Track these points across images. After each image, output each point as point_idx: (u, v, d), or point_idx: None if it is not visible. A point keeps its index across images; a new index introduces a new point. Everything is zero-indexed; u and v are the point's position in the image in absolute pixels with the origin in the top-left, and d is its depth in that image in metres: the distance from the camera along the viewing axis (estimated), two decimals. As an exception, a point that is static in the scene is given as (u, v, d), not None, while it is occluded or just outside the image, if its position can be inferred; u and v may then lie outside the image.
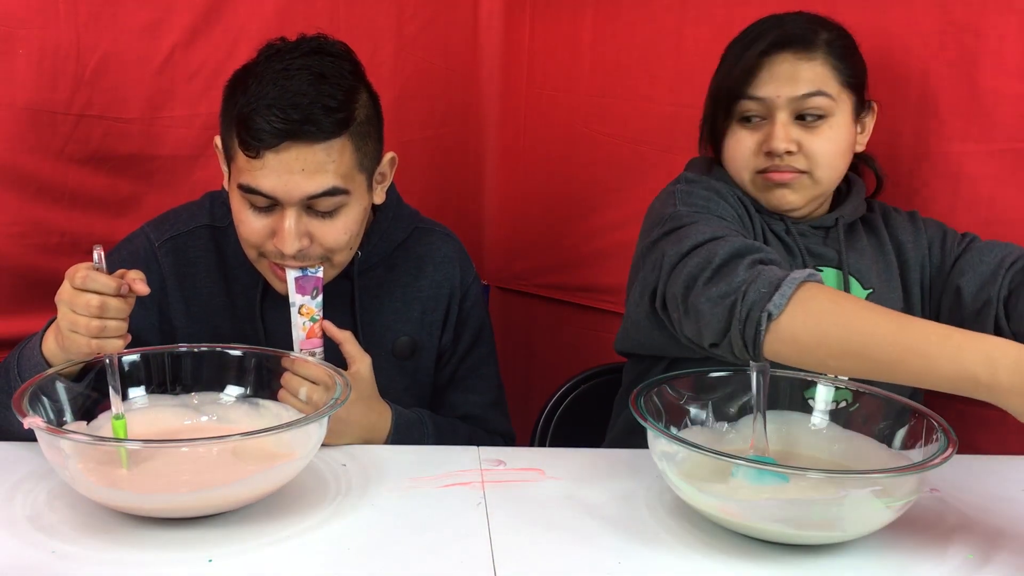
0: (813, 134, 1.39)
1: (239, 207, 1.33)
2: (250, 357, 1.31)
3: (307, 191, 1.28)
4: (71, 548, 1.05)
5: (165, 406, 1.28)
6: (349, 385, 1.21)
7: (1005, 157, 1.52)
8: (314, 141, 1.26)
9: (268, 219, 1.31)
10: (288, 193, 1.28)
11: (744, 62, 1.40)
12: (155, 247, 1.42)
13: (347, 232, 1.33)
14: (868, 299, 1.41)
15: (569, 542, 1.11)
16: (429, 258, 1.52)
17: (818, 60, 1.38)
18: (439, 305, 1.51)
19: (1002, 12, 1.49)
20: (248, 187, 1.29)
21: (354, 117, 1.30)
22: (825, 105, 1.38)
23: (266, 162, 1.27)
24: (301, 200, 1.29)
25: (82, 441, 1.08)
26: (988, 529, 1.17)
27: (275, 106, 1.25)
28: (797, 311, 1.13)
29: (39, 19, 1.55)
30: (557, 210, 2.05)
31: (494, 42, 2.09)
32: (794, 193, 1.42)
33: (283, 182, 1.27)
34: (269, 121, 1.24)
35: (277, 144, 1.25)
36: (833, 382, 1.29)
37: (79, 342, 1.16)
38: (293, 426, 1.12)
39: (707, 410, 1.29)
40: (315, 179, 1.28)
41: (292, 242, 1.29)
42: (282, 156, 1.26)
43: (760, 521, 1.08)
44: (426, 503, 1.18)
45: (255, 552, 1.06)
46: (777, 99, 1.38)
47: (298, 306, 1.32)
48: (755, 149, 1.41)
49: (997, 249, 1.42)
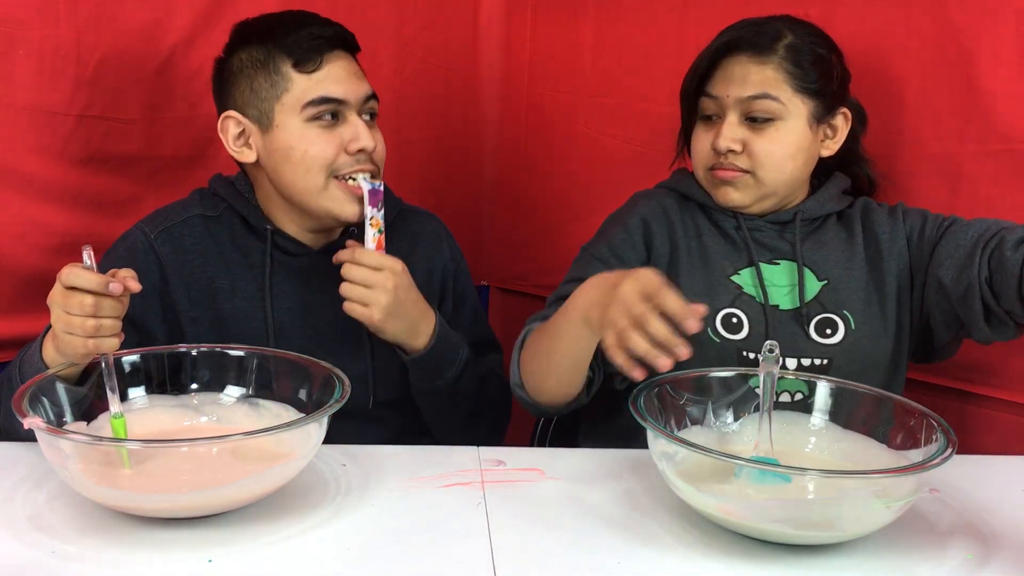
0: (759, 135, 1.42)
1: (304, 133, 1.40)
2: (251, 357, 1.31)
3: (365, 91, 1.43)
4: (71, 548, 1.05)
5: (165, 406, 1.28)
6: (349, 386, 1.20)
7: (1003, 158, 1.52)
8: (352, 50, 1.45)
9: (335, 132, 1.40)
10: (354, 92, 1.41)
11: (704, 61, 1.46)
12: (151, 238, 1.44)
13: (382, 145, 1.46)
14: (822, 290, 1.45)
15: (569, 542, 1.11)
16: (420, 235, 1.58)
17: (771, 64, 1.41)
18: (433, 278, 1.57)
19: (1000, 13, 1.49)
20: (320, 98, 1.39)
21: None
22: (772, 108, 1.41)
23: (326, 71, 1.40)
24: (362, 100, 1.43)
25: (82, 441, 1.08)
26: (988, 529, 1.17)
27: (314, 23, 1.42)
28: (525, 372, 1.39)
29: (39, 20, 1.55)
30: (557, 210, 2.05)
31: (495, 42, 2.10)
32: (737, 191, 1.45)
33: (348, 84, 1.41)
34: (322, 32, 1.40)
35: (331, 50, 1.41)
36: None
37: (75, 343, 1.15)
38: (293, 426, 1.12)
39: (707, 410, 1.30)
40: (364, 84, 1.44)
41: (368, 137, 1.41)
42: (337, 62, 1.41)
43: (760, 521, 1.09)
44: (426, 503, 1.18)
45: (255, 552, 1.06)
46: (727, 98, 1.43)
47: (369, 217, 1.39)
48: (708, 146, 1.46)
49: (972, 229, 1.40)
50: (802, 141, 1.43)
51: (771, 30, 1.43)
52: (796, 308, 1.44)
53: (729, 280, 1.46)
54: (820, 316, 1.44)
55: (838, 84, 1.46)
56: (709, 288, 1.45)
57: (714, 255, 1.48)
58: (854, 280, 1.46)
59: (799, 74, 1.41)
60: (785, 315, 1.45)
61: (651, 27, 1.87)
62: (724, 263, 1.47)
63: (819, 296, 1.45)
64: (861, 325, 1.43)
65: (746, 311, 1.44)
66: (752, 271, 1.46)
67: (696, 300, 1.30)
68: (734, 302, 1.45)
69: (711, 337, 1.42)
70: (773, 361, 1.18)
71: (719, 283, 1.46)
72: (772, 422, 1.20)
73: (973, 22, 1.52)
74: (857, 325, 1.43)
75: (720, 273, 1.47)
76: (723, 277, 1.46)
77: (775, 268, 1.47)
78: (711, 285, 1.46)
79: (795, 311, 1.44)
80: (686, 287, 1.44)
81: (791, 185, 1.46)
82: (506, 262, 2.18)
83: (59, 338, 1.17)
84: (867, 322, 1.44)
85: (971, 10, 1.52)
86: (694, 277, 1.46)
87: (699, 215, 1.52)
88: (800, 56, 1.42)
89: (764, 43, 1.41)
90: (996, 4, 1.50)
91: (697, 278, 1.46)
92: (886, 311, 1.45)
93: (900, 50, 1.59)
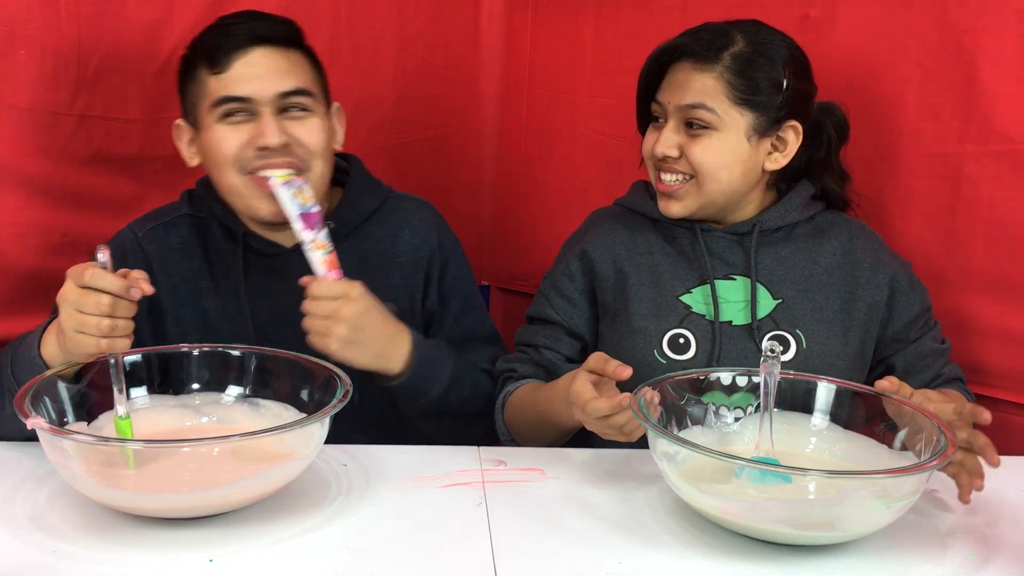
0: (694, 142, 1.41)
1: (214, 132, 1.40)
2: (250, 357, 1.32)
3: (279, 88, 1.39)
4: (72, 548, 1.05)
5: (165, 407, 1.28)
6: (351, 385, 1.20)
7: (1004, 158, 1.52)
8: (275, 45, 1.41)
9: (245, 129, 1.40)
10: (263, 90, 1.39)
11: (648, 66, 1.46)
12: (139, 237, 1.48)
13: (320, 133, 1.43)
14: (776, 308, 1.45)
15: (569, 542, 1.11)
16: (405, 223, 1.56)
17: (712, 74, 1.39)
18: (418, 268, 1.55)
19: (1000, 13, 1.49)
20: (223, 97, 1.39)
21: (303, 38, 1.45)
22: (707, 118, 1.40)
23: (235, 70, 1.39)
24: (274, 97, 1.39)
25: (86, 442, 1.08)
26: (988, 529, 1.17)
27: (234, 22, 1.42)
28: (511, 428, 1.48)
29: (40, 20, 1.55)
30: (557, 210, 2.05)
31: (495, 42, 2.10)
32: (678, 202, 1.45)
33: (255, 81, 1.39)
34: (232, 30, 1.40)
35: (245, 47, 1.39)
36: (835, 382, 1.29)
37: (86, 342, 1.15)
38: (295, 426, 1.12)
39: (708, 410, 1.30)
40: (283, 79, 1.40)
41: (273, 132, 1.38)
42: (250, 58, 1.39)
43: (760, 521, 1.09)
44: (426, 503, 1.18)
45: (256, 552, 1.06)
46: (668, 105, 1.43)
47: (310, 242, 1.34)
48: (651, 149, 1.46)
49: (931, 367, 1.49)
50: (738, 153, 1.42)
51: (721, 37, 1.41)
52: (749, 324, 1.45)
53: (678, 300, 1.46)
54: (772, 333, 1.44)
55: (790, 97, 1.41)
56: (657, 309, 1.46)
57: (664, 275, 1.48)
58: (810, 301, 1.45)
59: (740, 85, 1.39)
60: (737, 330, 1.45)
61: (651, 27, 1.87)
62: (674, 283, 1.47)
63: (772, 313, 1.45)
64: (813, 344, 1.43)
65: (693, 331, 1.44)
66: (704, 289, 1.46)
67: (644, 321, 1.46)
68: (681, 322, 1.45)
69: (657, 359, 1.43)
70: (774, 361, 1.18)
71: (667, 304, 1.46)
72: (773, 422, 1.20)
73: (973, 22, 1.52)
74: (809, 344, 1.43)
75: (669, 293, 1.47)
76: (672, 298, 1.46)
77: (730, 284, 1.47)
78: (659, 306, 1.46)
79: (747, 327, 1.45)
80: (635, 310, 1.46)
81: (729, 195, 1.45)
82: (506, 262, 2.18)
83: (68, 337, 1.16)
84: (820, 342, 1.44)
85: (971, 10, 1.52)
86: (643, 299, 1.47)
87: (651, 233, 1.52)
88: (744, 66, 1.39)
89: (708, 52, 1.40)
90: (996, 4, 1.49)
91: (645, 300, 1.47)
92: (849, 335, 1.45)
93: (900, 50, 1.59)
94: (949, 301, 1.58)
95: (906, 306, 1.48)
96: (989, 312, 1.57)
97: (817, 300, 1.46)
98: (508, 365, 1.53)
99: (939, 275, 1.58)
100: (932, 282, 1.54)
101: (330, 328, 1.31)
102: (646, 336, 1.45)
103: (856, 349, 1.45)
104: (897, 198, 1.63)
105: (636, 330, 1.46)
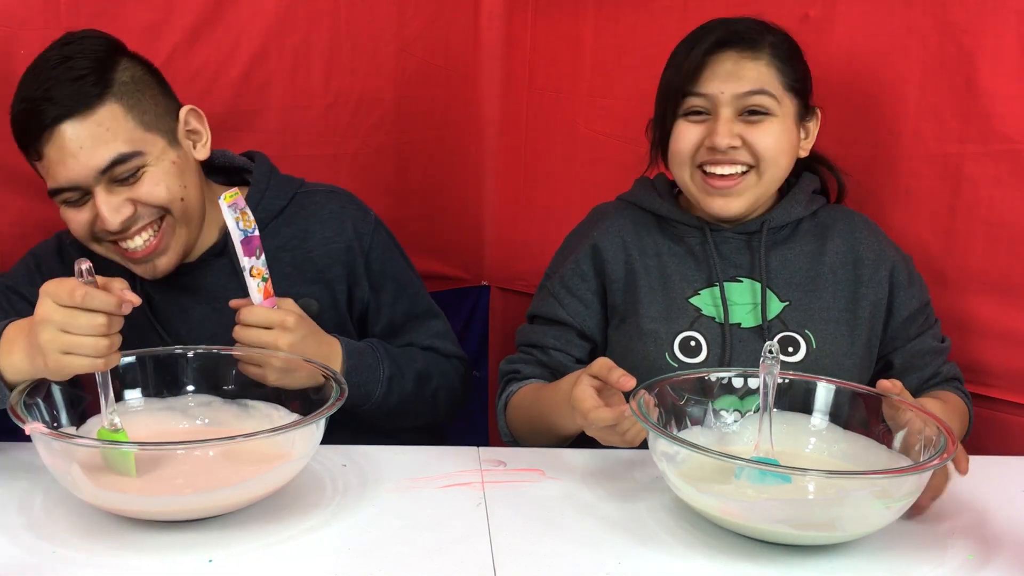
0: (756, 129, 1.39)
1: (63, 214, 1.36)
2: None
3: (96, 165, 1.30)
4: (71, 552, 1.05)
5: (153, 410, 1.28)
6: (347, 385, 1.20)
7: (1004, 158, 1.52)
8: (76, 116, 1.29)
9: (87, 209, 1.34)
10: (82, 175, 1.30)
11: (690, 60, 1.41)
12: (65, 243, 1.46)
13: (166, 186, 1.35)
14: (784, 310, 1.44)
15: (569, 542, 1.11)
16: (314, 218, 1.51)
17: (762, 60, 1.40)
18: (336, 261, 1.50)
19: (1000, 13, 1.49)
20: (53, 189, 1.33)
21: (110, 81, 1.31)
22: (768, 103, 1.39)
23: (49, 158, 1.30)
24: (97, 176, 1.31)
25: (87, 446, 1.08)
26: (988, 529, 1.17)
27: (26, 101, 1.29)
28: (514, 429, 1.47)
29: (40, 20, 1.55)
30: (557, 210, 2.05)
31: (495, 42, 2.10)
32: (737, 198, 1.42)
33: (71, 166, 1.30)
34: (27, 118, 1.30)
35: (46, 134, 1.29)
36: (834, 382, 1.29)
37: (79, 363, 1.09)
38: (294, 427, 1.12)
39: (707, 410, 1.29)
40: (98, 152, 1.30)
41: (113, 217, 1.32)
42: (57, 143, 1.29)
43: (760, 521, 1.09)
44: (426, 503, 1.18)
45: (255, 552, 1.06)
46: (721, 95, 1.39)
47: (248, 268, 1.29)
48: (697, 143, 1.42)
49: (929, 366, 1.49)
50: (791, 140, 1.42)
51: (756, 27, 1.42)
52: (758, 325, 1.44)
53: (688, 302, 1.45)
54: (782, 334, 1.43)
55: (811, 84, 1.46)
56: (667, 311, 1.45)
57: (673, 276, 1.47)
58: (818, 299, 1.45)
59: (786, 71, 1.41)
60: (747, 333, 1.44)
61: (651, 27, 1.87)
62: (683, 285, 1.46)
63: (781, 315, 1.45)
64: (822, 344, 1.43)
65: (704, 333, 1.44)
66: (712, 291, 1.46)
67: (654, 324, 1.43)
68: (692, 325, 1.44)
69: (669, 362, 1.42)
70: (773, 362, 1.18)
71: (677, 306, 1.45)
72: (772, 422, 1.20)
73: (973, 22, 1.52)
74: (819, 344, 1.43)
75: (679, 295, 1.46)
76: (682, 300, 1.45)
77: (737, 286, 1.46)
78: (669, 308, 1.45)
79: (757, 329, 1.44)
80: (644, 312, 1.45)
81: (778, 184, 1.46)
82: (506, 262, 2.18)
83: (52, 358, 1.09)
84: (829, 341, 1.43)
85: (971, 10, 1.52)
86: (653, 301, 1.45)
87: (657, 231, 1.50)
88: (787, 53, 1.42)
89: (754, 39, 1.40)
90: (996, 4, 1.49)
91: (656, 302, 1.45)
92: (856, 333, 1.45)
93: (900, 50, 1.59)
94: (949, 301, 1.58)
95: (904, 301, 1.47)
96: (989, 312, 1.57)
97: (824, 299, 1.45)
98: (512, 366, 1.52)
99: (939, 275, 1.58)
100: (932, 282, 1.54)
101: (265, 359, 1.28)
102: (657, 339, 1.44)
103: (864, 347, 1.45)
104: (897, 198, 1.63)
105: (646, 333, 1.44)
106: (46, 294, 1.09)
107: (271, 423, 1.25)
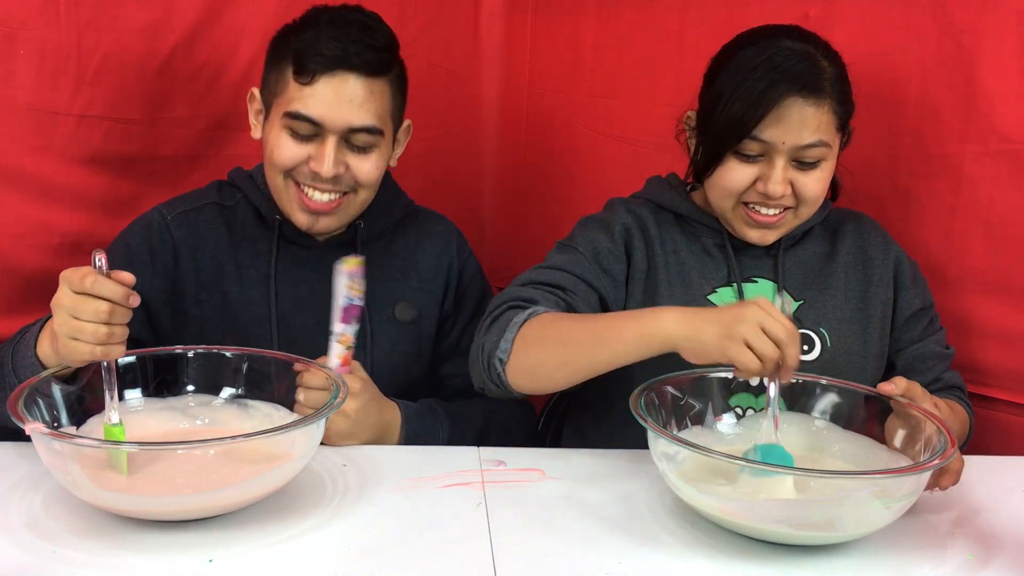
0: (806, 176, 1.38)
1: (278, 135, 1.41)
2: (243, 359, 1.31)
3: (352, 121, 1.39)
4: (71, 552, 1.05)
5: (154, 409, 1.28)
6: (346, 385, 1.21)
7: (1004, 158, 1.52)
8: (363, 74, 1.39)
9: (307, 146, 1.41)
10: (334, 120, 1.38)
11: (756, 103, 1.33)
12: (167, 220, 1.49)
13: (377, 169, 1.44)
14: (798, 309, 1.45)
15: (569, 542, 1.11)
16: (425, 234, 1.61)
17: (826, 106, 1.35)
18: (438, 276, 1.59)
19: (1000, 12, 1.49)
20: (296, 113, 1.38)
21: (396, 64, 1.45)
22: (822, 153, 1.37)
23: (317, 88, 1.38)
24: (344, 129, 1.39)
25: (87, 445, 1.08)
26: (988, 529, 1.17)
27: (333, 38, 1.37)
28: (519, 348, 1.29)
29: (40, 19, 1.55)
30: (557, 210, 2.05)
31: (495, 42, 2.09)
32: (775, 231, 1.44)
33: (331, 109, 1.38)
34: (328, 47, 1.37)
35: (333, 69, 1.37)
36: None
37: (81, 349, 1.13)
38: (295, 427, 1.12)
39: (708, 410, 1.30)
40: (359, 112, 1.39)
41: (330, 165, 1.39)
42: (334, 82, 1.38)
43: (760, 521, 1.09)
44: (426, 503, 1.18)
45: (255, 552, 1.06)
46: (781, 145, 1.35)
47: (338, 334, 1.29)
48: (749, 183, 1.39)
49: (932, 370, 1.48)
50: (832, 172, 1.42)
51: (814, 63, 1.35)
52: None
53: (707, 300, 1.45)
54: (799, 332, 1.43)
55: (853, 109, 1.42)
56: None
57: (692, 273, 1.47)
58: (831, 298, 1.46)
59: (842, 112, 1.38)
60: None
61: (651, 27, 1.87)
62: (701, 282, 1.46)
63: (796, 313, 1.45)
64: (836, 343, 1.43)
65: None
66: (730, 289, 1.46)
67: None
68: None
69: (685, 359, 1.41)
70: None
71: (696, 303, 1.45)
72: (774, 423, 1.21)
73: (973, 22, 1.52)
74: (833, 343, 1.43)
75: (698, 292, 1.46)
76: (701, 297, 1.45)
77: (753, 286, 1.47)
78: (688, 305, 1.43)
79: None
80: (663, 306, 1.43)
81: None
82: (506, 262, 2.17)
83: (61, 342, 1.14)
84: (843, 340, 1.44)
85: (971, 10, 1.52)
86: (672, 297, 1.45)
87: (676, 229, 1.50)
88: (843, 88, 1.38)
89: (818, 83, 1.34)
90: (996, 4, 1.49)
91: (676, 298, 1.45)
92: (868, 332, 1.45)
93: (900, 50, 1.59)
94: (949, 301, 1.58)
95: (907, 300, 1.48)
96: (989, 312, 1.57)
97: (836, 298, 1.46)
98: (527, 293, 1.39)
99: (939, 275, 1.58)
100: (932, 282, 1.54)
101: (331, 422, 1.30)
102: None
103: (876, 347, 1.46)
104: (897, 198, 1.63)
105: None
106: (64, 280, 1.14)
107: (271, 423, 1.25)
